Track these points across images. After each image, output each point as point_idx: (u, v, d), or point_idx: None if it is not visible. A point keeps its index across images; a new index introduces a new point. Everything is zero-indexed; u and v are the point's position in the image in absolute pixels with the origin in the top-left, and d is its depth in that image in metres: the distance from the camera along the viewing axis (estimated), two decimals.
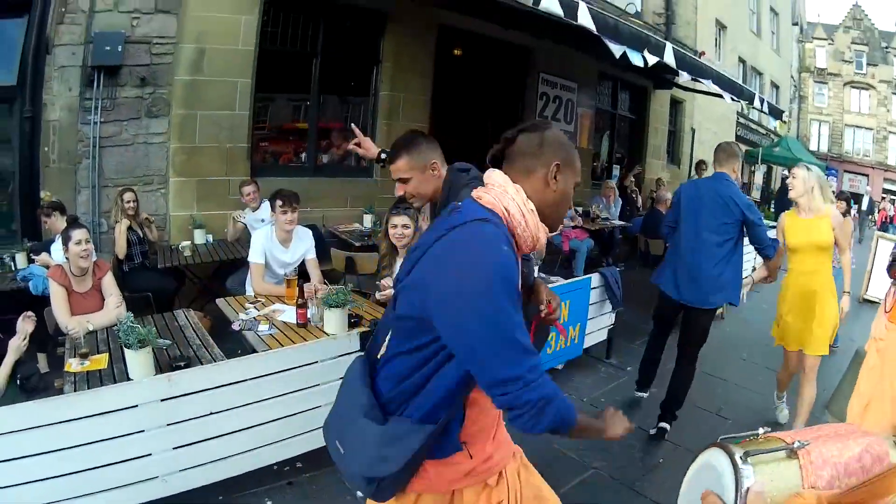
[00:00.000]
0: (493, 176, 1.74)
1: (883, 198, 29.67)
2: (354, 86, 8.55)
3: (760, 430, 1.13)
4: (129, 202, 5.94)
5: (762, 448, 1.04)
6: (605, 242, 9.97)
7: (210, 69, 6.83)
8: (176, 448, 3.23)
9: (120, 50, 6.14)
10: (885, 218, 25.43)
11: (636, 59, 6.30)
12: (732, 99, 8.79)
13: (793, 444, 1.02)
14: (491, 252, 1.55)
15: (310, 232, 5.26)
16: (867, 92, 37.53)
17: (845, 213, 7.48)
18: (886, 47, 36.69)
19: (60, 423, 2.86)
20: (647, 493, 3.82)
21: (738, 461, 1.00)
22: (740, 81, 19.46)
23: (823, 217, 4.28)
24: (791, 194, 4.38)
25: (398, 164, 2.69)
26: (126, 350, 3.29)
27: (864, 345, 4.32)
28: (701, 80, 7.93)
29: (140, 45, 6.37)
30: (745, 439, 1.09)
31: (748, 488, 0.96)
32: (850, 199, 8.80)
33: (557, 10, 5.32)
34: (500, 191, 1.68)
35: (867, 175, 36.30)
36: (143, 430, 3.10)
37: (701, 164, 12.80)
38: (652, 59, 6.44)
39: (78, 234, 4.21)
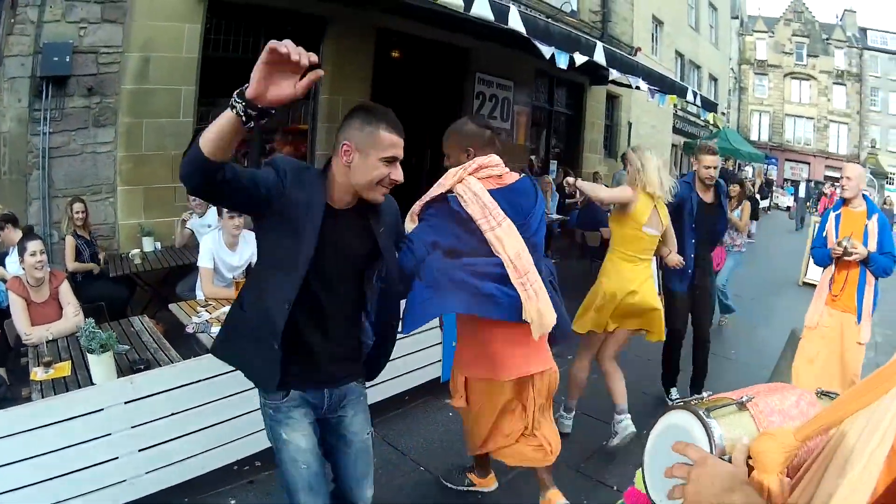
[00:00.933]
0: (497, 159, 2.83)
1: (825, 183, 30.35)
2: None
3: (704, 394, 1.26)
4: (78, 212, 5.98)
5: (716, 405, 1.19)
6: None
7: (155, 77, 6.83)
8: (141, 450, 3.33)
9: (68, 60, 6.12)
10: (829, 205, 25.77)
11: (562, 61, 6.57)
12: (659, 94, 9.08)
13: (740, 398, 1.17)
14: None
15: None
16: (808, 82, 38.48)
17: (741, 199, 7.47)
18: (827, 39, 37.67)
19: (29, 430, 2.93)
20: (591, 474, 3.98)
21: (703, 415, 1.14)
22: (678, 76, 20.14)
23: None
24: None
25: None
26: (89, 355, 3.42)
27: (801, 327, 4.62)
28: (629, 77, 8.24)
29: (87, 54, 6.36)
30: (695, 402, 1.21)
31: (720, 435, 1.10)
32: (742, 181, 8.61)
33: (488, 14, 5.52)
34: None
35: (808, 163, 37.27)
36: (109, 434, 3.20)
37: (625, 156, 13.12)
38: (580, 59, 6.70)
39: (33, 245, 4.32)
